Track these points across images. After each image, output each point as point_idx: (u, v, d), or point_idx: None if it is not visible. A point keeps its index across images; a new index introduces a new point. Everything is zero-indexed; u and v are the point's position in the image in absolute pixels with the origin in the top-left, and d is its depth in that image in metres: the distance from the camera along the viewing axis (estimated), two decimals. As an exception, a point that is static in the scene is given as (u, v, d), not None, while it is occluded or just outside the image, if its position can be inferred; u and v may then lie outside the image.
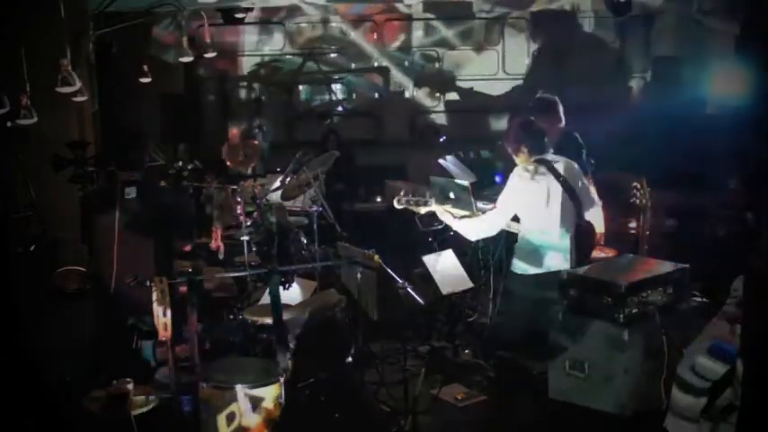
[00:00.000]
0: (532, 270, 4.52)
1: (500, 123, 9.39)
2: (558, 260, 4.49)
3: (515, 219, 4.65)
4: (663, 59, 9.87)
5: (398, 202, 4.77)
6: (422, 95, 10.45)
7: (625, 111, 9.88)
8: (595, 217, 4.78)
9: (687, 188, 6.69)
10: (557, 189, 4.46)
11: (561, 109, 5.53)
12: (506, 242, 4.93)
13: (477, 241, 5.44)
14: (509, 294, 4.76)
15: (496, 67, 10.34)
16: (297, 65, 10.25)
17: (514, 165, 4.62)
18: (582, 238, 4.60)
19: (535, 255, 4.50)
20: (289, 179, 5.92)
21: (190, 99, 9.45)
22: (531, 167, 4.50)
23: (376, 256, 4.30)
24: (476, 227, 4.60)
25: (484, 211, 4.75)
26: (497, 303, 5.26)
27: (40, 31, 5.15)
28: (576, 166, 4.65)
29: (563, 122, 5.56)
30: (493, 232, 4.65)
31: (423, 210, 4.72)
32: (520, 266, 4.58)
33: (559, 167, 4.50)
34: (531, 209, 4.49)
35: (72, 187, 5.89)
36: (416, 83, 10.35)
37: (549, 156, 4.55)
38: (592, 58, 10.03)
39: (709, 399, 3.63)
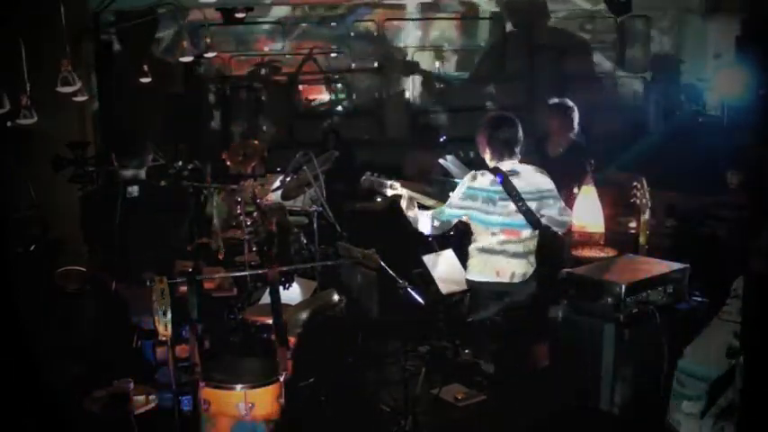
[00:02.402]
0: (481, 278, 4.36)
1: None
2: (502, 270, 4.29)
3: None
4: (663, 59, 9.87)
5: (364, 181, 4.63)
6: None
7: (625, 110, 9.90)
8: (594, 218, 4.73)
9: (687, 188, 6.68)
10: (502, 201, 4.21)
11: (575, 114, 5.55)
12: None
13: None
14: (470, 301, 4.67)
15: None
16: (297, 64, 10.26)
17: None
18: (546, 247, 4.47)
19: (484, 262, 4.33)
20: (289, 179, 5.92)
21: (190, 99, 9.46)
22: (481, 176, 4.27)
23: (376, 256, 4.30)
24: (425, 221, 4.40)
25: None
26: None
27: (40, 31, 5.15)
28: (546, 178, 4.35)
29: (575, 130, 5.56)
30: (437, 231, 4.44)
31: (389, 192, 4.55)
32: (471, 272, 4.44)
33: (516, 180, 4.22)
34: (473, 217, 4.30)
35: (72, 187, 5.89)
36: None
37: (509, 165, 4.28)
38: (592, 57, 10.05)
39: (709, 399, 3.63)
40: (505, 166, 4.28)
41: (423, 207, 4.56)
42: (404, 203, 4.45)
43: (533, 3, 9.83)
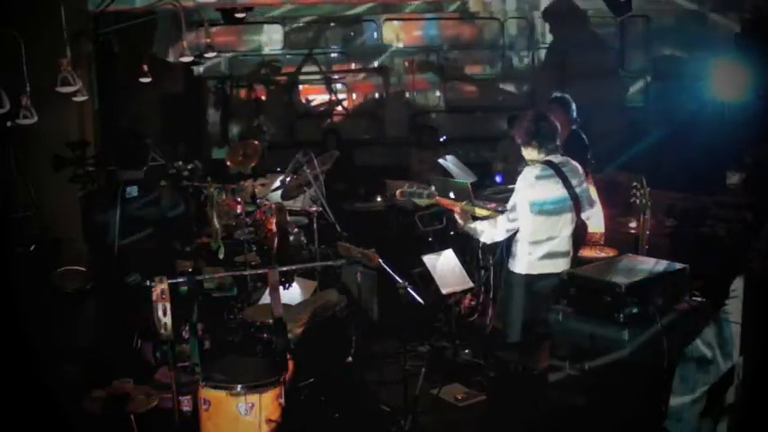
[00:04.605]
0: (531, 271, 4.49)
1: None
2: (557, 263, 4.46)
3: None
4: (663, 59, 9.87)
5: (401, 194, 4.71)
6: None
7: (625, 110, 9.90)
8: (594, 217, 4.77)
9: (687, 188, 6.69)
10: (562, 193, 4.42)
11: (574, 109, 5.61)
12: (507, 242, 4.92)
13: (478, 241, 5.45)
14: (507, 294, 4.73)
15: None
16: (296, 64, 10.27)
17: (516, 165, 4.62)
18: (575, 237, 4.59)
19: (536, 256, 4.46)
20: (289, 179, 5.92)
21: (190, 99, 9.46)
22: (539, 170, 4.43)
23: (376, 256, 4.30)
24: (488, 231, 4.55)
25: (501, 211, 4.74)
26: (497, 303, 5.25)
27: (40, 31, 5.15)
28: (580, 167, 4.61)
29: (574, 123, 5.62)
30: (501, 237, 4.57)
31: (425, 202, 4.67)
32: (520, 266, 4.55)
33: (566, 171, 4.46)
34: (535, 212, 4.42)
35: (72, 187, 5.89)
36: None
37: (557, 158, 4.49)
38: (592, 58, 10.04)
39: (709, 399, 3.63)
40: (555, 158, 4.47)
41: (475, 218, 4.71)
42: (459, 218, 4.58)
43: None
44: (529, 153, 4.52)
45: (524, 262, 4.52)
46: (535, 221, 4.43)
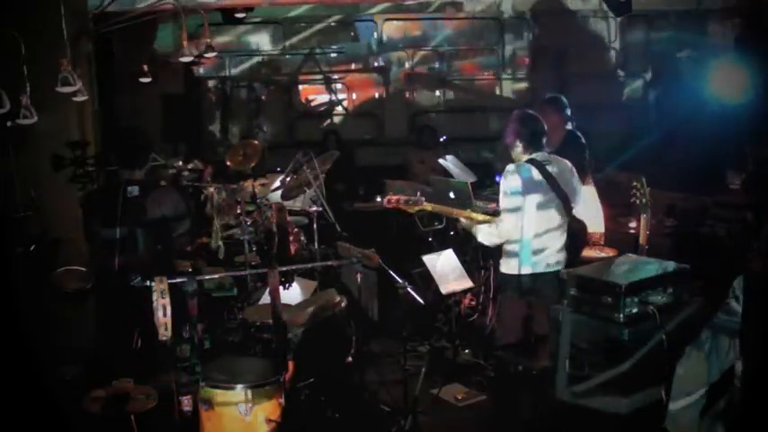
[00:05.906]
0: (523, 270, 4.47)
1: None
2: (547, 260, 4.47)
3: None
4: (663, 59, 9.87)
5: (388, 202, 4.72)
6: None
7: (625, 110, 9.91)
8: (594, 217, 4.78)
9: (687, 188, 6.69)
10: (546, 191, 4.42)
11: (568, 109, 5.61)
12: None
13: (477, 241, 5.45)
14: (501, 295, 4.73)
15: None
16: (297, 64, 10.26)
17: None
18: (572, 237, 4.59)
19: (524, 255, 4.45)
20: (289, 179, 5.92)
21: (190, 99, 9.46)
22: (519, 170, 4.42)
23: (376, 256, 4.30)
24: (489, 234, 4.54)
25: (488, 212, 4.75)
26: (497, 303, 5.25)
27: (39, 31, 5.15)
28: (571, 166, 4.60)
29: (570, 122, 5.62)
30: (501, 240, 4.53)
31: (415, 209, 4.66)
32: (508, 266, 4.54)
33: (551, 168, 4.45)
34: (519, 210, 4.42)
35: (72, 187, 5.88)
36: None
37: (542, 155, 4.48)
38: (592, 57, 10.05)
39: (709, 399, 3.63)
40: (539, 156, 4.47)
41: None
42: (464, 222, 4.62)
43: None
44: (515, 153, 4.53)
45: (511, 261, 4.52)
46: (520, 220, 4.42)
